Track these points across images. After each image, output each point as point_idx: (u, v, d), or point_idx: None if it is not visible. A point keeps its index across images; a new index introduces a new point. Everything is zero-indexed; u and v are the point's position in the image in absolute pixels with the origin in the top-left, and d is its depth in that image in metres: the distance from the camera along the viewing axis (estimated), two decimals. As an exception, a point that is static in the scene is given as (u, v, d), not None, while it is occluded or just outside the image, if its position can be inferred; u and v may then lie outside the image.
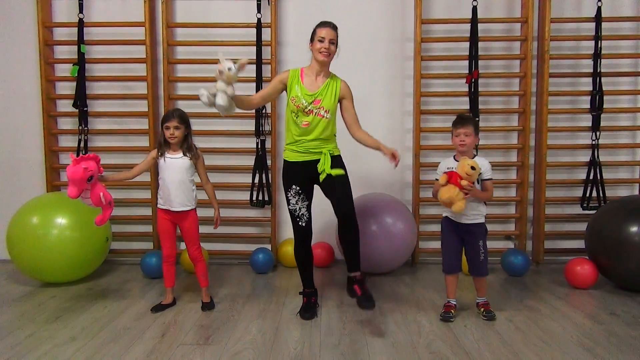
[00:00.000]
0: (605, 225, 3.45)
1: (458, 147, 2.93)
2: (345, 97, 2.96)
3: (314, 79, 2.92)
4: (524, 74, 4.01)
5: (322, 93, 2.89)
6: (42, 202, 3.60)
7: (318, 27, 2.89)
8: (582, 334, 2.72)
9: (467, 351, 2.51)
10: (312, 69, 2.94)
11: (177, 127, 3.02)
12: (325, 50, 2.84)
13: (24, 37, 4.12)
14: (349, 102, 2.97)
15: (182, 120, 3.05)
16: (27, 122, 4.17)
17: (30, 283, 3.62)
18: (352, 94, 2.99)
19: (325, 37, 2.83)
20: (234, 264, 4.18)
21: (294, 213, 2.96)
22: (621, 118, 4.15)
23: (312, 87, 2.90)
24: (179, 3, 4.14)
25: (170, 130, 3.01)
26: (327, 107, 2.89)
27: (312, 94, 2.88)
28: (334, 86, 2.93)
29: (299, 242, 3.02)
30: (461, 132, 2.90)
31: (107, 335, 2.70)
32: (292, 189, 2.95)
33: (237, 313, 3.05)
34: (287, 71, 2.98)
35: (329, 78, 2.95)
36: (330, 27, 2.86)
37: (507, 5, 4.11)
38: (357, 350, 2.53)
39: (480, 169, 2.83)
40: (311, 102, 2.87)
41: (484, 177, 2.92)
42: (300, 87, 2.90)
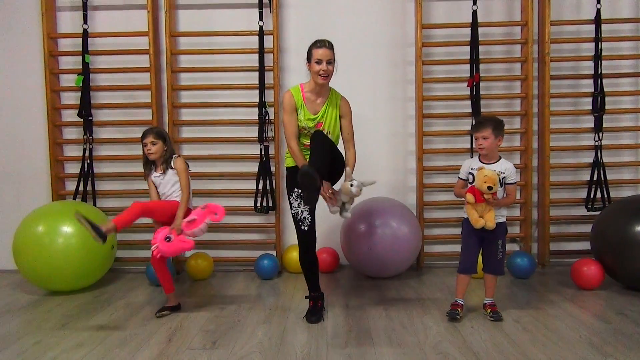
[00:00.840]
0: (610, 225, 3.45)
1: (477, 150, 2.97)
2: (344, 115, 3.01)
3: (314, 99, 2.95)
4: (525, 77, 4.03)
5: (324, 115, 2.94)
6: (47, 211, 3.62)
7: (314, 47, 2.87)
8: (590, 333, 2.70)
9: (475, 352, 2.49)
10: (312, 88, 2.95)
11: (154, 143, 3.14)
12: (323, 73, 2.85)
13: (30, 48, 4.17)
14: (347, 120, 3.02)
15: (159, 135, 3.17)
16: (33, 132, 4.20)
17: (37, 292, 3.63)
18: (351, 110, 3.04)
19: (322, 59, 2.83)
20: (240, 270, 4.18)
21: (296, 217, 2.98)
22: (623, 119, 4.15)
23: (314, 109, 2.94)
24: (182, 12, 4.19)
25: (148, 146, 3.14)
26: (329, 129, 2.96)
27: (314, 117, 2.93)
28: (335, 105, 2.97)
29: (303, 249, 3.02)
30: (478, 136, 2.91)
31: (113, 341, 2.70)
32: (294, 192, 2.97)
33: (243, 318, 3.05)
34: (289, 94, 2.94)
35: (329, 96, 2.98)
36: (325, 47, 2.85)
37: (506, 9, 4.15)
38: (364, 352, 2.52)
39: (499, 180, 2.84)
40: (314, 125, 2.92)
41: (507, 181, 2.92)
42: (303, 111, 2.93)
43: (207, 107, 4.14)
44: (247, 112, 4.13)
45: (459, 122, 4.13)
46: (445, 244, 4.19)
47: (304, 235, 2.99)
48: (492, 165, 2.92)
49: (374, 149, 4.13)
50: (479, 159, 2.98)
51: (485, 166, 2.91)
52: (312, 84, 2.93)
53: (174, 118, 4.14)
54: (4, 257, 4.00)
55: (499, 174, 2.88)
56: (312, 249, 3.04)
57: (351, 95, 3.11)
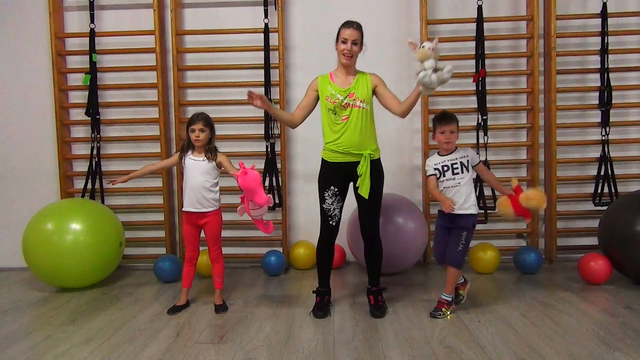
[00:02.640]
0: (618, 220, 3.43)
1: (443, 144, 2.94)
2: (378, 84, 2.97)
3: (344, 78, 2.96)
4: (531, 72, 4.01)
5: (354, 86, 2.93)
6: (56, 209, 3.65)
7: (342, 27, 2.90)
8: (597, 327, 2.70)
9: (482, 345, 2.50)
10: (340, 70, 2.97)
11: (202, 130, 3.06)
12: (347, 52, 2.86)
13: (38, 48, 4.21)
14: (383, 87, 2.97)
15: (207, 123, 3.10)
16: (41, 131, 4.24)
17: (46, 289, 3.67)
18: (383, 80, 2.99)
19: (347, 39, 2.85)
20: (246, 267, 4.20)
21: (327, 212, 2.98)
22: (630, 113, 4.13)
23: (344, 85, 2.94)
24: (188, 11, 4.21)
25: (196, 133, 3.05)
26: (363, 97, 2.90)
27: (345, 89, 2.92)
28: (365, 79, 2.96)
29: (325, 240, 3.05)
30: (447, 129, 2.91)
31: (122, 336, 2.73)
32: (329, 190, 2.96)
33: (250, 313, 3.07)
34: (315, 78, 3.02)
35: (358, 74, 2.97)
36: (353, 27, 2.86)
37: (512, 4, 4.14)
38: (371, 346, 2.53)
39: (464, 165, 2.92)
40: (346, 95, 2.90)
41: (473, 163, 2.96)
42: (332, 86, 2.94)
43: (213, 104, 4.15)
44: (253, 109, 4.07)
45: (464, 118, 4.08)
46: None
47: (330, 230, 3.01)
48: (452, 154, 2.95)
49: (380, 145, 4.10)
50: (438, 154, 3.00)
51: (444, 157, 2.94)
52: (339, 64, 2.95)
53: (181, 116, 4.16)
54: (14, 254, 4.05)
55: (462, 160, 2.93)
56: (333, 243, 3.07)
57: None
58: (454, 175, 2.92)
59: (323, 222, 3.01)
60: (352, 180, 2.98)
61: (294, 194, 4.28)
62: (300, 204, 4.29)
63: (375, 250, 3.06)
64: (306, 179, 4.25)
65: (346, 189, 3.02)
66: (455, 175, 2.92)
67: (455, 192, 2.91)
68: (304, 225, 4.29)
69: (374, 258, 3.08)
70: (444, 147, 2.95)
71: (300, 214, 4.29)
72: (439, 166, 2.95)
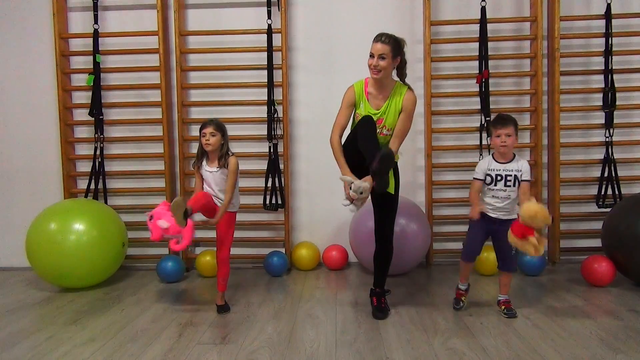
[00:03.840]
0: (622, 222, 3.42)
1: (499, 147, 2.88)
2: (404, 109, 2.87)
3: (377, 94, 2.89)
4: (535, 73, 4.00)
5: (385, 112, 2.86)
6: (59, 209, 3.66)
7: (373, 40, 2.81)
8: (601, 329, 2.69)
9: (484, 347, 2.49)
10: (373, 82, 2.90)
11: (213, 134, 3.03)
12: (374, 68, 2.80)
13: (41, 49, 4.22)
14: (405, 115, 2.87)
15: (219, 127, 3.06)
16: (45, 131, 4.26)
17: (49, 289, 3.68)
18: (413, 106, 2.89)
19: (374, 53, 2.79)
20: (249, 267, 4.20)
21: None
22: (634, 115, 4.11)
23: (376, 104, 2.88)
24: (191, 12, 4.22)
25: (206, 137, 3.03)
26: (390, 126, 2.88)
27: (376, 112, 2.86)
28: (397, 101, 2.87)
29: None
30: (502, 132, 2.85)
31: (125, 336, 2.73)
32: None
33: (252, 314, 3.07)
34: (352, 88, 2.93)
35: (392, 90, 2.88)
36: (380, 41, 2.78)
37: (515, 5, 4.13)
38: (373, 348, 2.52)
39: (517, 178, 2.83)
40: (375, 120, 2.85)
41: (522, 178, 2.89)
42: (365, 104, 2.88)
43: (216, 105, 4.16)
44: (256, 110, 4.15)
45: (468, 119, 4.12)
46: (454, 241, 4.18)
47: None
48: (508, 164, 2.90)
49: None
50: (494, 158, 2.94)
51: (500, 165, 2.89)
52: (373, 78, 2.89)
53: (184, 116, 4.17)
54: (17, 254, 4.05)
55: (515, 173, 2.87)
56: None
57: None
58: (506, 187, 2.88)
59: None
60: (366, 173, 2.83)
61: (297, 194, 4.28)
62: (303, 205, 4.29)
63: (385, 252, 3.04)
64: (309, 179, 4.25)
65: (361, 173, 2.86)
66: (507, 187, 2.88)
67: (503, 202, 2.88)
68: (306, 226, 4.29)
69: (383, 262, 3.06)
70: (500, 150, 2.89)
71: (302, 215, 4.29)
72: (492, 173, 2.90)
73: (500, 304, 2.99)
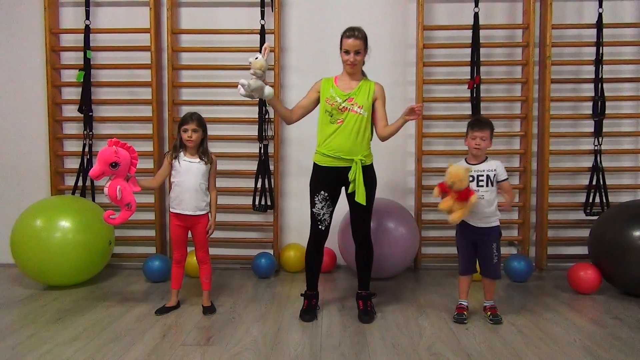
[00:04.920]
0: (608, 230, 3.44)
1: (473, 149, 2.92)
2: (378, 97, 2.98)
3: (347, 83, 2.97)
4: (526, 80, 4.02)
5: (356, 93, 2.93)
6: (45, 205, 3.62)
7: (344, 36, 2.89)
8: (585, 337, 2.70)
9: (469, 353, 2.49)
10: (345, 75, 2.99)
11: (195, 130, 3.03)
12: (350, 63, 2.89)
13: (31, 43, 4.18)
14: (381, 102, 2.98)
15: (200, 123, 3.07)
16: (33, 127, 4.21)
17: (33, 286, 3.64)
18: (385, 95, 3.01)
19: (350, 50, 2.87)
20: (236, 268, 4.18)
21: (316, 217, 2.97)
22: (623, 124, 4.15)
23: (346, 89, 2.95)
24: (184, 10, 4.20)
25: (188, 133, 3.02)
26: (361, 104, 2.90)
27: (346, 93, 2.93)
28: (368, 87, 2.97)
29: (314, 244, 3.04)
30: (478, 135, 2.90)
31: (108, 336, 2.71)
32: (320, 194, 2.95)
33: (238, 316, 3.05)
34: (320, 80, 3.04)
35: (362, 81, 2.98)
36: (354, 37, 2.86)
37: (508, 12, 4.15)
38: (357, 352, 2.52)
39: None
40: (345, 99, 2.90)
41: (500, 178, 2.92)
42: (334, 88, 2.95)
43: (207, 104, 4.14)
44: (248, 110, 4.13)
45: (458, 124, 4.12)
46: (443, 246, 4.19)
47: (319, 234, 3.00)
48: (480, 165, 2.93)
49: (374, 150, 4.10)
50: (466, 160, 2.98)
51: (471, 166, 2.91)
52: (344, 71, 2.98)
53: (174, 115, 4.14)
54: (1, 251, 3.99)
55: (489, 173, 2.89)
56: (322, 247, 3.07)
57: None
58: (478, 187, 2.89)
59: (313, 226, 3.00)
60: (343, 185, 2.97)
61: (286, 196, 4.27)
62: (292, 206, 4.28)
63: (366, 255, 3.07)
64: (299, 181, 4.24)
65: (337, 194, 3.01)
66: (479, 188, 2.89)
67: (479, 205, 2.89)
68: (295, 227, 4.28)
69: (365, 263, 3.08)
70: (473, 152, 2.92)
71: (292, 216, 4.28)
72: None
73: (486, 310, 3.00)
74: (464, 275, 3.03)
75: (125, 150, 2.81)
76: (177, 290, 3.18)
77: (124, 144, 2.83)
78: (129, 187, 2.84)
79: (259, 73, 2.76)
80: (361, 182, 2.87)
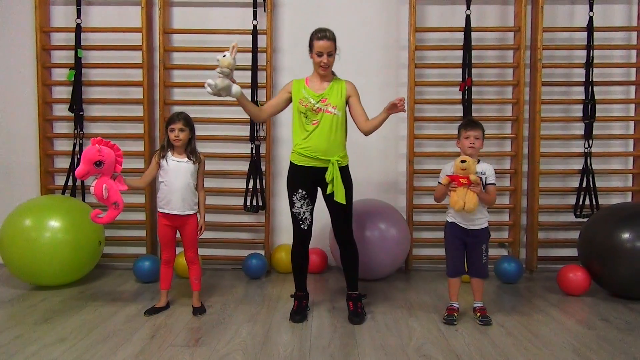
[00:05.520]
0: (597, 232, 3.46)
1: (467, 149, 2.92)
2: (352, 95, 2.99)
3: (319, 84, 2.97)
4: (517, 82, 4.04)
5: (328, 93, 2.93)
6: (35, 205, 3.59)
7: (315, 38, 2.88)
8: (573, 339, 2.71)
9: (458, 354, 2.49)
10: (316, 76, 2.99)
11: (182, 130, 3.03)
12: (323, 65, 2.88)
13: (22, 42, 4.15)
14: (355, 99, 2.99)
15: (187, 123, 3.07)
16: (23, 126, 4.18)
17: (22, 286, 3.60)
18: (357, 91, 3.01)
19: (322, 52, 2.86)
20: (227, 269, 4.16)
21: (297, 216, 2.97)
22: (613, 127, 4.17)
23: (318, 90, 2.95)
24: (176, 10, 4.18)
25: (175, 132, 3.02)
26: (335, 104, 2.91)
27: (319, 94, 2.93)
28: (340, 86, 2.97)
29: (298, 247, 3.04)
30: (472, 134, 2.92)
31: (96, 337, 2.69)
32: (297, 193, 2.96)
33: (228, 316, 3.04)
34: (291, 81, 3.03)
35: (333, 81, 2.99)
36: (326, 39, 2.86)
37: (500, 15, 4.16)
38: (347, 353, 2.51)
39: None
40: (319, 100, 2.90)
41: (488, 181, 2.94)
42: (306, 89, 2.95)
43: (199, 104, 4.12)
44: (239, 110, 4.03)
45: (450, 126, 4.12)
46: (434, 247, 4.19)
47: (302, 234, 3.00)
48: None
49: (365, 151, 4.14)
50: None
51: None
52: (314, 73, 2.97)
53: (166, 115, 4.10)
54: (-10, 250, 3.97)
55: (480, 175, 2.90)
56: (307, 247, 3.06)
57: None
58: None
59: (295, 227, 3.01)
60: (319, 185, 2.98)
61: (278, 196, 4.26)
62: (284, 206, 4.26)
63: (351, 255, 3.06)
64: (290, 182, 4.23)
65: (314, 193, 3.01)
66: None
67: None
68: (286, 228, 4.24)
69: (350, 263, 3.08)
70: (468, 152, 2.92)
71: (283, 216, 4.27)
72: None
73: (475, 311, 3.00)
74: (453, 278, 3.03)
75: (109, 149, 2.80)
76: (167, 290, 3.17)
77: (107, 142, 2.82)
78: (116, 185, 2.82)
79: (225, 71, 2.76)
80: (339, 181, 2.86)
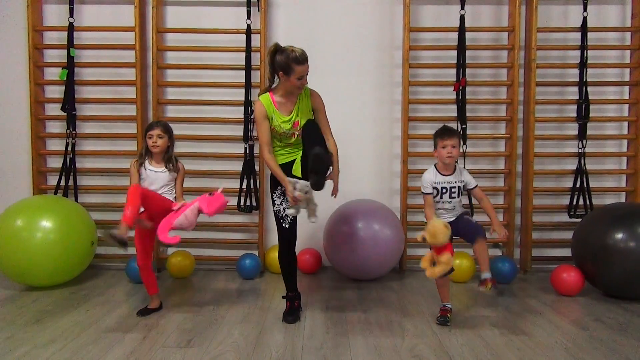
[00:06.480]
0: (591, 232, 3.46)
1: (445, 158, 2.89)
2: (317, 109, 2.99)
3: (285, 101, 2.93)
4: (511, 83, 4.04)
5: (297, 115, 2.92)
6: (27, 205, 3.57)
7: (295, 63, 2.78)
8: (566, 339, 2.71)
9: (451, 355, 2.49)
10: (283, 94, 2.92)
11: (160, 136, 3.05)
12: (302, 86, 2.88)
13: (14, 41, 4.12)
14: (321, 113, 3.00)
15: (166, 130, 3.09)
16: (15, 125, 4.15)
17: (13, 287, 3.58)
18: (322, 101, 3.00)
19: (304, 75, 2.84)
20: (221, 269, 4.15)
21: (278, 214, 2.97)
22: (607, 127, 4.18)
23: (286, 111, 2.92)
24: (169, 9, 4.16)
25: (153, 139, 3.04)
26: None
27: (289, 118, 2.91)
28: (306, 102, 2.95)
29: (283, 247, 3.03)
30: (448, 143, 2.88)
31: (87, 338, 2.67)
32: (277, 190, 2.98)
33: (220, 317, 3.02)
34: (259, 103, 2.92)
35: (298, 94, 2.94)
36: (305, 62, 2.82)
37: (494, 15, 4.16)
38: (339, 354, 2.50)
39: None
40: (291, 126, 2.91)
41: (470, 187, 2.96)
42: (277, 115, 2.91)
43: (192, 104, 4.11)
44: (233, 110, 4.11)
45: (444, 126, 4.13)
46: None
47: (285, 233, 2.99)
48: (451, 176, 2.94)
49: (360, 151, 4.14)
50: (437, 170, 2.96)
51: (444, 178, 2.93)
52: (283, 90, 2.91)
53: (159, 114, 4.10)
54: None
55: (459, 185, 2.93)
56: (292, 247, 3.03)
57: (337, 97, 3.14)
58: (451, 198, 2.93)
59: (277, 226, 3.00)
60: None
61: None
62: (278, 207, 4.25)
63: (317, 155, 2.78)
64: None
65: None
66: (452, 199, 2.94)
67: (449, 213, 2.94)
68: (281, 228, 4.25)
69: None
70: (446, 161, 2.89)
71: (277, 217, 4.26)
72: (438, 186, 2.93)
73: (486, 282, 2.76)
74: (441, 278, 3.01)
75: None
76: (156, 294, 3.14)
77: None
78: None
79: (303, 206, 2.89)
80: (298, 162, 2.93)
